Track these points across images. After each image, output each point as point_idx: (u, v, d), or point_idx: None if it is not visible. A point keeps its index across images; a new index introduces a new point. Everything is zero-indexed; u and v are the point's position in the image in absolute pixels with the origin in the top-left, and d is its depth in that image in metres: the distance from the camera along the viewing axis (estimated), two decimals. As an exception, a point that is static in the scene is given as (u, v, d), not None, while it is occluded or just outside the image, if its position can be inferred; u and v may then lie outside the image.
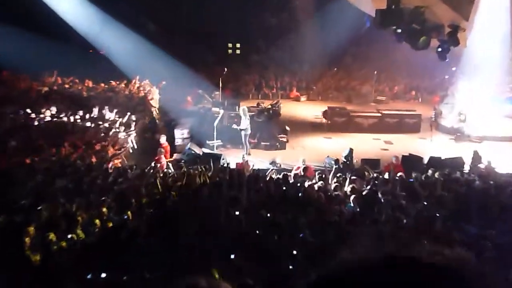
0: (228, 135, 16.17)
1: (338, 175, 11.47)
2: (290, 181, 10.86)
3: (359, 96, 24.22)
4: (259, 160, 14.93)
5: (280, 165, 14.19)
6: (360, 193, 9.39)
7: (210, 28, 25.09)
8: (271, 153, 15.76)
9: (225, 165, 13.00)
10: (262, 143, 16.42)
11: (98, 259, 5.95)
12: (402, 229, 7.02)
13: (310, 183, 10.45)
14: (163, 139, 14.76)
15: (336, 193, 9.59)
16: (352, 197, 9.13)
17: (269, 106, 18.95)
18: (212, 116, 17.11)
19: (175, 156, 15.05)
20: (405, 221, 7.51)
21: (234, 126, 16.12)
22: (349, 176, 10.93)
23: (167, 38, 22.99)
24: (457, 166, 12.80)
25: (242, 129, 15.36)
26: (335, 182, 10.62)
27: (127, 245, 6.23)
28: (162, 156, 13.56)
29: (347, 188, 9.92)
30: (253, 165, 13.45)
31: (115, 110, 16.23)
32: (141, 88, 19.21)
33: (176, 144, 15.95)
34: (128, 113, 16.26)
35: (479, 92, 17.87)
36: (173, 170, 12.47)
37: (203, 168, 11.37)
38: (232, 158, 14.84)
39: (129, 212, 7.66)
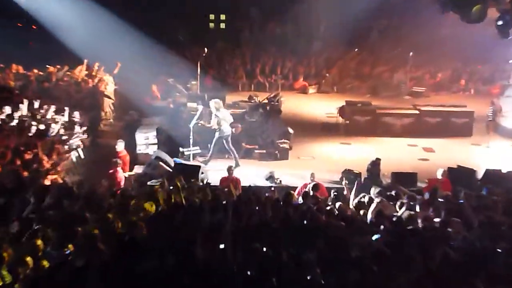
0: (210, 140, 16.09)
1: (360, 195, 11.48)
2: (295, 203, 10.84)
3: (388, 86, 24.36)
4: (253, 174, 14.95)
5: (280, 181, 14.20)
6: (390, 219, 9.40)
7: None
8: (268, 164, 15.79)
9: (205, 181, 12.99)
10: (256, 152, 16.41)
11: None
12: (448, 267, 7.03)
13: (322, 205, 10.44)
14: (120, 146, 14.71)
15: (357, 219, 9.59)
16: (380, 225, 9.14)
17: (266, 101, 18.97)
18: (187, 114, 17.11)
19: (137, 168, 15.02)
20: (452, 256, 7.53)
21: (202, 122, 15.97)
22: (376, 196, 10.93)
23: (127, 7, 22.97)
24: (523, 182, 12.87)
25: (222, 130, 15.32)
26: (356, 205, 10.60)
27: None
28: (119, 168, 13.52)
29: (373, 213, 9.92)
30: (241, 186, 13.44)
31: (53, 106, 16.15)
32: (91, 76, 19.19)
33: (138, 152, 15.93)
34: (72, 110, 16.20)
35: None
36: (134, 187, 12.45)
37: (176, 185, 11.34)
38: (215, 171, 14.84)
39: (71, 246, 7.62)
